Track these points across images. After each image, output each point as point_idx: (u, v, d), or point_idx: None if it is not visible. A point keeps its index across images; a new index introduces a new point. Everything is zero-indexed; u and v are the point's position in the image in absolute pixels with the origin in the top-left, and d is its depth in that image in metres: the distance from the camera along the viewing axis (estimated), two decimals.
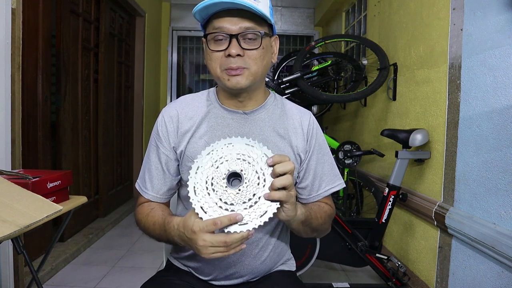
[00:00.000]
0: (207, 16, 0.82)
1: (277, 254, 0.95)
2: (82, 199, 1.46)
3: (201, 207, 0.67)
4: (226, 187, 0.68)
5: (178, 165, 0.90)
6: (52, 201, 1.16)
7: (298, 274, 1.87)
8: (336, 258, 2.00)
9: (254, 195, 0.67)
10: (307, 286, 0.95)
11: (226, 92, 0.88)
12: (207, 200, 0.67)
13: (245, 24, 0.78)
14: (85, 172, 2.77)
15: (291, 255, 1.02)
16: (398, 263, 1.81)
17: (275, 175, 0.68)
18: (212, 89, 0.94)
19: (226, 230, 0.67)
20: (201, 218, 0.67)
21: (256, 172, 0.68)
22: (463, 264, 1.54)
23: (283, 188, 0.68)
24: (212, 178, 0.69)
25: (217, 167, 0.69)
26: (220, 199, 0.67)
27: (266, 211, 0.67)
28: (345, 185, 0.96)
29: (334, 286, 1.84)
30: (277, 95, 0.97)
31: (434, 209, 1.71)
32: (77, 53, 2.58)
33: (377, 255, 1.85)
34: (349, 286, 1.85)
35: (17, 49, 1.63)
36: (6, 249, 1.57)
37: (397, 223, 2.19)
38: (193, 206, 0.68)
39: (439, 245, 1.72)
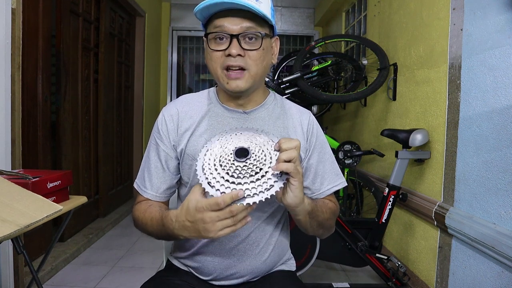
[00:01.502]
0: (208, 16, 0.82)
1: (278, 254, 0.95)
2: (82, 199, 1.46)
3: (208, 183, 0.67)
4: (233, 160, 0.68)
5: (178, 163, 0.91)
6: (52, 201, 1.16)
7: (298, 274, 1.87)
8: (336, 258, 2.00)
9: (260, 169, 0.68)
10: (307, 286, 0.95)
11: (226, 92, 0.89)
12: (215, 176, 0.67)
13: (246, 24, 0.78)
14: (85, 172, 2.77)
15: (291, 255, 1.02)
16: (398, 263, 1.81)
17: (282, 151, 0.69)
18: (212, 89, 0.94)
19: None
20: (207, 192, 0.67)
21: (263, 151, 0.70)
22: (463, 264, 1.54)
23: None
24: (221, 156, 0.70)
25: (226, 147, 0.71)
26: (227, 173, 0.67)
27: (272, 185, 0.67)
28: (346, 184, 0.96)
29: (334, 286, 1.84)
30: (276, 94, 0.97)
31: (434, 209, 1.71)
32: (77, 53, 2.58)
33: (377, 255, 1.85)
34: (349, 286, 1.85)
35: (17, 49, 1.63)
36: (6, 249, 1.57)
37: (397, 223, 2.19)
38: (200, 182, 0.68)
39: (439, 245, 1.72)
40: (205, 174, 0.68)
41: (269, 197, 0.66)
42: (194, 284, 0.91)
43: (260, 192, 0.66)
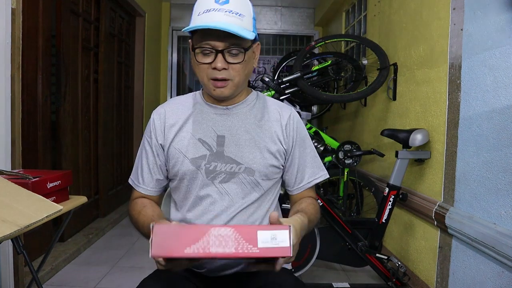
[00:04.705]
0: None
1: None
2: (82, 199, 1.47)
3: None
4: None
5: (166, 160, 0.96)
6: (52, 201, 1.16)
7: (298, 274, 1.87)
8: (336, 258, 2.00)
9: None
10: (307, 286, 0.96)
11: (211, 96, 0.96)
12: None
13: (230, 40, 0.84)
14: (85, 172, 2.77)
15: None
16: (398, 263, 1.81)
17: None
18: (199, 91, 1.02)
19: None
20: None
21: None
22: (463, 264, 1.54)
23: None
24: None
25: None
26: None
27: None
28: (328, 176, 1.03)
29: (334, 286, 1.84)
30: (259, 93, 1.03)
31: (434, 209, 1.71)
32: (77, 53, 2.58)
33: (377, 255, 1.85)
34: (349, 286, 1.85)
35: (17, 49, 1.62)
36: (6, 249, 1.57)
37: (397, 223, 2.19)
38: None
39: (439, 245, 1.72)
40: None
41: None
42: (191, 278, 0.95)
43: None
